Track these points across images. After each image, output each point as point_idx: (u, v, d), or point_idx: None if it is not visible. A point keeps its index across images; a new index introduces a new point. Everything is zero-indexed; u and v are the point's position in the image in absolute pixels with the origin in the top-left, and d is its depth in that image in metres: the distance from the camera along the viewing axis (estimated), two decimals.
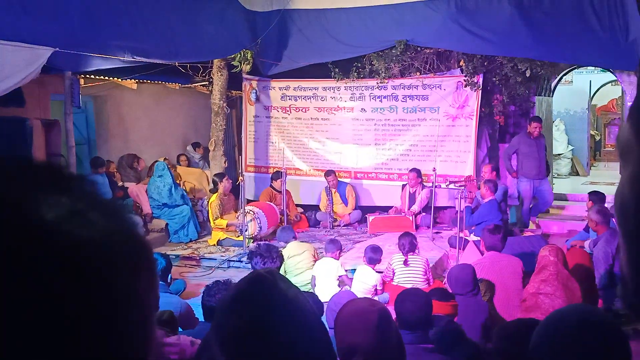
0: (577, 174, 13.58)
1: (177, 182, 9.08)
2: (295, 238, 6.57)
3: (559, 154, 13.02)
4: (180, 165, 10.28)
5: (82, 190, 0.43)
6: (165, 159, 9.59)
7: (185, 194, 8.70)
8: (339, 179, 9.37)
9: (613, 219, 6.78)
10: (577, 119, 14.13)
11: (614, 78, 11.30)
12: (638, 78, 0.52)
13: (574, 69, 10.58)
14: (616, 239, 5.83)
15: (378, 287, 5.59)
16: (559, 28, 6.27)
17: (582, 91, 14.07)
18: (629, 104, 10.03)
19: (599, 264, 5.41)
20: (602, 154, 16.88)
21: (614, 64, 7.97)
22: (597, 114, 16.69)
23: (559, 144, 13.02)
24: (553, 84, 10.34)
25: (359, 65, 9.25)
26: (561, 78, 10.62)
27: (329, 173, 9.21)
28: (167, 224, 8.39)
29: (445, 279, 4.94)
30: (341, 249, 6.07)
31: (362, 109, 9.65)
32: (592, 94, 14.52)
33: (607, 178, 11.81)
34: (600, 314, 1.60)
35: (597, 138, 16.65)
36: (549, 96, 10.39)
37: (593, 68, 11.22)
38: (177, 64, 8.45)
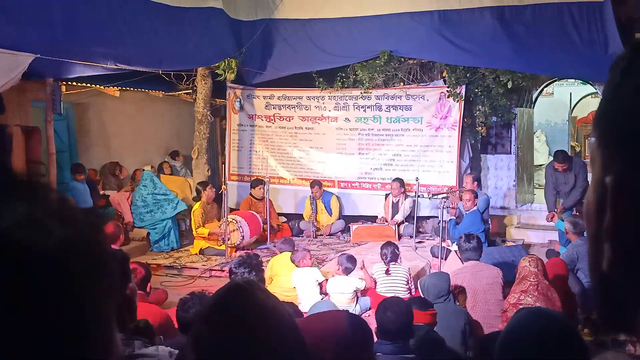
0: None
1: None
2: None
3: (540, 165, 13.14)
4: (163, 173, 10.21)
5: (43, 198, 0.43)
6: (152, 167, 9.54)
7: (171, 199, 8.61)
8: (324, 189, 9.37)
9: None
10: (558, 130, 14.30)
11: (594, 90, 11.48)
12: (604, 86, 0.53)
13: (555, 81, 10.71)
14: (582, 246, 5.94)
15: (360, 287, 5.62)
16: (540, 41, 6.35)
17: (562, 103, 14.24)
18: None
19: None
20: None
21: (594, 76, 8.08)
22: (577, 125, 16.89)
23: (540, 155, 13.15)
24: (534, 96, 10.45)
25: (343, 75, 9.29)
26: (542, 90, 10.74)
27: (314, 184, 9.21)
28: (148, 233, 8.32)
29: (419, 288, 4.93)
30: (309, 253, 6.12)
31: (346, 118, 9.68)
32: (572, 106, 14.70)
33: None
34: (564, 321, 1.61)
35: (578, 149, 16.82)
36: (530, 108, 10.50)
37: (573, 80, 11.37)
38: (160, 72, 8.42)
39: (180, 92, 10.00)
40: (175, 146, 11.12)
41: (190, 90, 9.57)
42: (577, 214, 6.83)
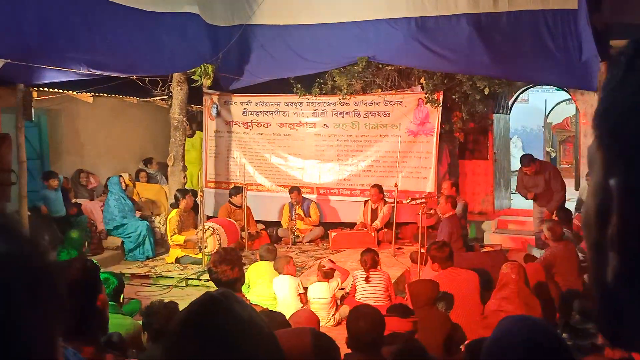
0: None
1: (135, 198, 8.89)
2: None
3: (516, 170, 13.25)
4: (139, 181, 10.06)
5: None
6: (129, 175, 9.40)
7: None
8: (303, 195, 9.32)
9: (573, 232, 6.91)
10: (534, 136, 14.48)
11: (569, 97, 11.63)
12: (600, 92, 0.49)
13: (530, 87, 10.83)
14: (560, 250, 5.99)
15: (338, 286, 5.59)
16: (516, 48, 6.40)
17: (538, 109, 14.43)
18: (583, 122, 10.32)
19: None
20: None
21: (569, 82, 8.18)
22: (552, 131, 17.12)
23: (517, 160, 13.24)
24: (510, 102, 10.56)
25: (321, 81, 9.27)
26: (518, 96, 10.85)
27: (292, 190, 9.16)
28: (122, 242, 8.17)
29: (406, 294, 4.92)
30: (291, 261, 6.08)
31: (324, 124, 9.65)
32: (547, 112, 14.90)
33: None
34: (549, 328, 1.58)
35: (553, 155, 17.05)
36: (506, 114, 10.60)
37: (548, 87, 11.52)
38: (135, 78, 8.29)
39: (155, 98, 9.87)
40: (150, 153, 10.96)
41: (166, 96, 9.45)
42: (556, 219, 6.88)
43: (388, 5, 7.22)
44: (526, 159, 8.23)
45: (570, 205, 8.62)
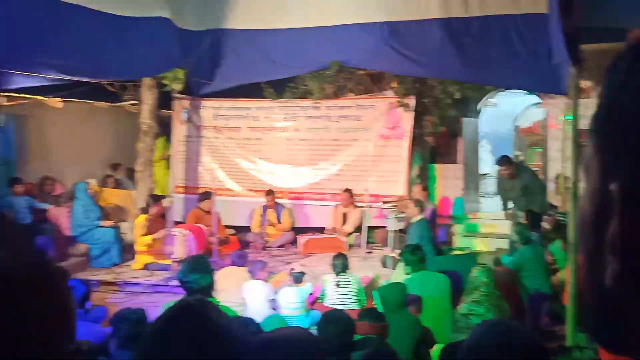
0: None
1: (102, 204, 8.75)
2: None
3: (485, 174, 13.43)
4: (107, 186, 9.90)
5: None
6: (97, 181, 9.24)
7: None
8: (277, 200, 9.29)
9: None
10: (503, 140, 14.66)
11: (538, 100, 11.81)
12: (599, 98, 0.49)
13: (500, 91, 10.98)
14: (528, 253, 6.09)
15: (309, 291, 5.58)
16: (486, 52, 6.46)
17: (507, 113, 14.62)
18: (551, 125, 10.51)
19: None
20: None
21: (538, 87, 8.29)
22: (521, 135, 17.37)
23: (485, 164, 13.43)
24: (480, 106, 10.69)
25: (293, 85, 9.26)
26: (487, 100, 11.00)
27: (269, 193, 9.12)
28: (89, 248, 8.03)
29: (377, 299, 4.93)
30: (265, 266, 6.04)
31: (295, 129, 9.64)
32: (516, 116, 15.11)
33: None
34: (525, 332, 1.60)
35: (522, 159, 17.30)
36: (476, 118, 10.73)
37: (518, 90, 11.68)
38: (105, 83, 8.18)
39: (125, 103, 9.74)
40: (120, 158, 10.80)
41: (136, 101, 9.33)
42: (525, 222, 6.98)
43: (360, 10, 7.24)
44: (502, 159, 8.32)
45: None
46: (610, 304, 0.46)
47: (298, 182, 9.67)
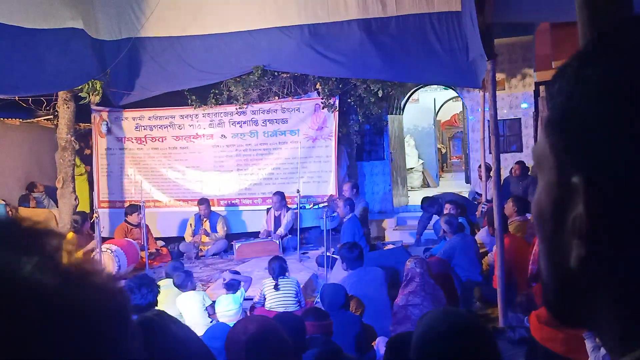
0: (428, 186, 14.45)
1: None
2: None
3: (411, 168, 13.78)
4: (28, 206, 9.44)
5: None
6: (3, 201, 8.78)
7: None
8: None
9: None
10: (425, 134, 15.10)
11: (456, 94, 12.26)
12: (548, 93, 0.55)
13: (420, 87, 11.31)
14: (458, 242, 6.32)
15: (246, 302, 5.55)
16: (404, 50, 6.65)
17: (428, 108, 15.08)
18: (470, 117, 10.93)
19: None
20: (449, 166, 18.16)
21: (455, 81, 8.63)
22: (442, 128, 17.94)
23: (410, 158, 13.80)
24: (402, 103, 10.97)
25: (217, 91, 9.17)
26: (409, 97, 11.30)
27: (202, 201, 8.98)
28: None
29: (318, 298, 4.99)
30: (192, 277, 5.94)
31: (222, 135, 9.56)
32: (436, 110, 15.61)
33: (455, 187, 12.66)
34: (472, 317, 1.68)
35: (444, 151, 17.89)
36: (399, 114, 10.99)
37: (437, 86, 12.07)
38: (17, 98, 7.81)
39: (39, 119, 9.33)
40: (37, 177, 10.30)
41: (52, 116, 8.95)
42: (453, 213, 7.22)
43: (279, 14, 7.27)
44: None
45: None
46: (571, 283, 0.52)
47: (228, 189, 9.59)
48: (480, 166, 8.91)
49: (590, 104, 0.49)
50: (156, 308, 3.38)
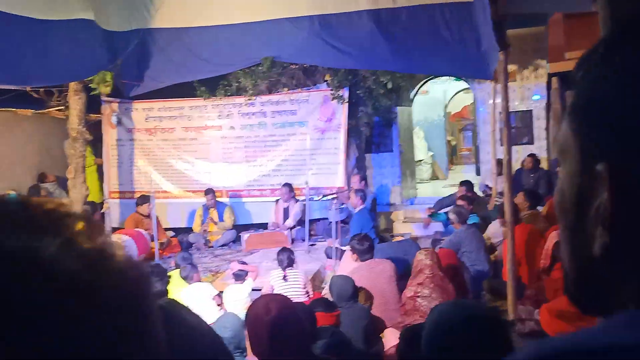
0: (438, 178, 14.40)
1: None
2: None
3: (420, 160, 13.74)
4: (38, 197, 9.50)
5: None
6: (14, 191, 8.83)
7: None
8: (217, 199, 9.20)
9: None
10: (435, 126, 15.03)
11: (466, 86, 12.18)
12: (572, 80, 0.54)
13: (430, 79, 11.25)
14: (465, 235, 6.31)
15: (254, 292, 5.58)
16: (415, 41, 6.60)
17: (438, 100, 14.99)
18: (480, 109, 10.86)
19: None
20: (458, 158, 18.09)
21: (466, 73, 8.56)
22: (452, 120, 17.85)
23: (420, 150, 13.75)
24: (412, 94, 10.92)
25: (226, 83, 9.17)
26: (419, 88, 11.25)
27: (208, 191, 9.01)
28: None
29: (327, 290, 5.00)
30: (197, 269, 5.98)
31: (230, 126, 9.56)
32: (447, 102, 15.52)
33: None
34: (484, 309, 1.68)
35: (454, 143, 17.80)
36: (409, 106, 10.95)
37: (447, 78, 12.00)
38: (28, 89, 7.84)
39: (51, 110, 9.37)
40: (47, 167, 10.37)
41: (63, 107, 8.99)
42: (461, 205, 7.21)
43: (288, 5, 7.23)
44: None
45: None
46: (594, 272, 0.51)
47: (236, 180, 9.61)
48: (498, 160, 8.89)
49: (617, 90, 0.48)
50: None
